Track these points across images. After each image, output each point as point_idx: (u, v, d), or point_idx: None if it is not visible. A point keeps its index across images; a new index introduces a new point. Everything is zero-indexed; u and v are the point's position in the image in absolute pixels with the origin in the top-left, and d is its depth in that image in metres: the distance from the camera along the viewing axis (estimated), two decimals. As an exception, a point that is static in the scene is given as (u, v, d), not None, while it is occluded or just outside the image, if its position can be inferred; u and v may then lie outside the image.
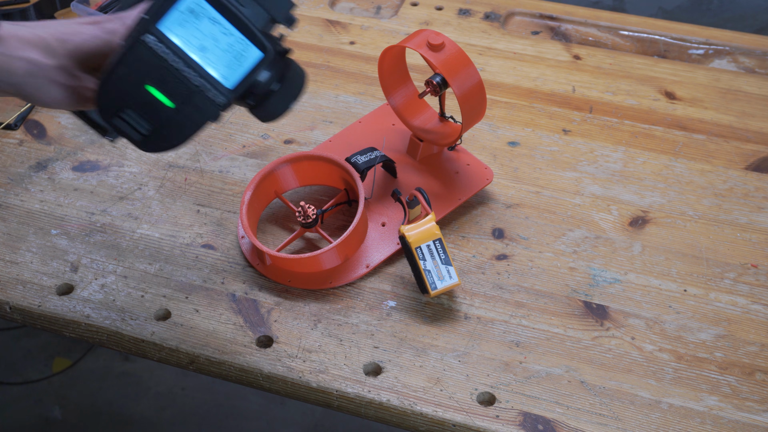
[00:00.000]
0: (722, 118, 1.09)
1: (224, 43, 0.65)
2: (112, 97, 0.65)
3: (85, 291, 0.88)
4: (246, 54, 0.65)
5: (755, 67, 1.16)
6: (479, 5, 1.26)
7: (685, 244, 0.93)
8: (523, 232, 0.94)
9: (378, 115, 1.04)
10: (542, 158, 1.03)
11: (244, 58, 0.65)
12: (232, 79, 0.66)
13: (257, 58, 0.65)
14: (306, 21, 1.23)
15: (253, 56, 0.65)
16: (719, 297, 0.88)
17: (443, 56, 0.88)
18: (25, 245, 0.93)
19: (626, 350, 0.84)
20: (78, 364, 1.76)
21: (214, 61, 0.65)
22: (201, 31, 0.64)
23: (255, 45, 0.65)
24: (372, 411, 0.80)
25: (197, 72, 0.65)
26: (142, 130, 0.66)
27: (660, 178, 1.01)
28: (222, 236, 0.94)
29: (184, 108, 0.65)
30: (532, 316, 0.86)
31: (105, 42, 0.67)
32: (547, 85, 1.13)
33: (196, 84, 0.65)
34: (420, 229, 0.85)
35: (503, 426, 0.78)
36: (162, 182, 0.99)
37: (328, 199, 0.96)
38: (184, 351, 0.84)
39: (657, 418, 0.78)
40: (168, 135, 0.66)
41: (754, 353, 0.84)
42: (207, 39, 0.65)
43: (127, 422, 1.66)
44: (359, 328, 0.85)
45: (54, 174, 1.01)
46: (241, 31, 0.65)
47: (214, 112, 0.66)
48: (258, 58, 0.65)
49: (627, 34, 1.21)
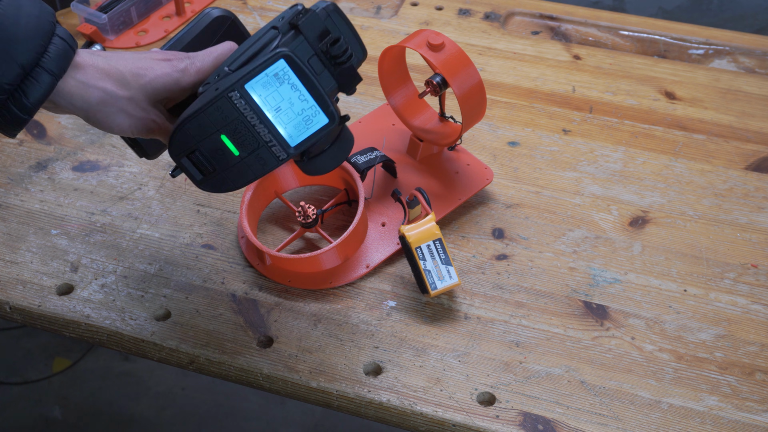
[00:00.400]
0: (722, 118, 1.09)
1: (298, 107, 0.71)
2: (187, 139, 0.70)
3: (85, 291, 0.88)
4: (315, 119, 0.71)
5: (755, 67, 1.16)
6: (479, 5, 1.26)
7: (685, 244, 0.93)
8: (523, 232, 0.94)
9: (378, 115, 1.04)
10: (542, 158, 1.03)
11: (312, 123, 0.71)
12: (297, 139, 0.71)
13: (324, 123, 0.71)
14: (306, 21, 1.23)
15: (320, 122, 0.71)
16: (719, 297, 0.88)
17: (443, 56, 0.88)
18: (25, 245, 0.93)
19: (626, 350, 0.84)
20: (78, 364, 1.76)
21: (285, 122, 0.71)
22: (280, 94, 0.70)
23: (324, 113, 0.71)
24: (372, 411, 0.80)
25: (268, 129, 0.70)
26: (205, 172, 0.71)
27: (660, 178, 1.01)
28: (222, 236, 0.94)
29: (249, 157, 0.71)
30: (532, 316, 0.86)
31: (175, 80, 0.73)
32: (547, 85, 1.13)
33: (266, 140, 0.70)
34: (420, 229, 0.85)
35: (503, 426, 0.78)
36: (162, 182, 0.99)
37: (328, 199, 0.96)
38: (184, 351, 0.84)
39: (657, 418, 0.78)
40: (227, 179, 0.72)
41: (754, 353, 0.84)
42: (284, 101, 0.70)
43: (127, 422, 1.66)
44: (359, 328, 0.85)
45: (54, 174, 1.01)
46: (315, 99, 0.71)
47: (273, 164, 0.71)
48: (324, 123, 0.71)
49: (627, 34, 1.21)
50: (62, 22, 1.21)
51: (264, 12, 1.24)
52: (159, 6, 1.24)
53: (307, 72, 0.70)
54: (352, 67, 0.74)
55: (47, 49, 0.66)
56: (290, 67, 0.69)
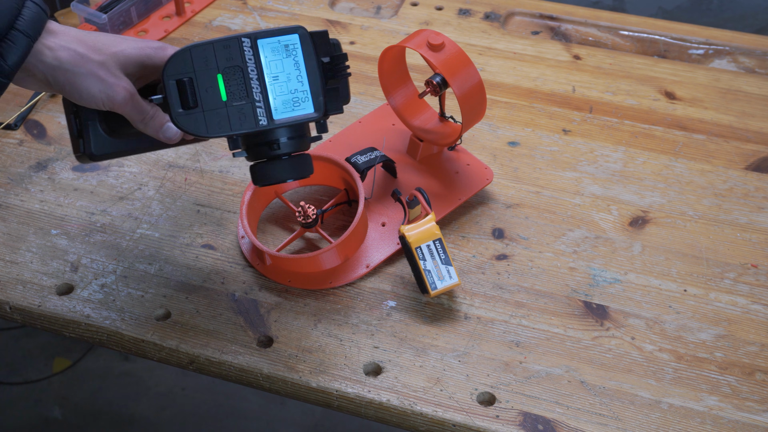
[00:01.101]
0: (722, 118, 1.09)
1: (293, 85, 0.73)
2: (187, 62, 0.72)
3: (85, 291, 0.88)
4: (303, 104, 0.73)
5: (755, 67, 1.16)
6: (479, 5, 1.26)
7: (685, 244, 0.93)
8: (523, 232, 0.94)
9: (378, 115, 1.04)
10: (542, 158, 1.03)
11: (300, 107, 0.73)
12: (282, 115, 0.73)
13: (309, 112, 0.73)
14: (306, 21, 1.23)
15: (307, 109, 0.73)
16: (719, 297, 0.88)
17: (443, 56, 0.88)
18: (25, 245, 0.93)
19: (626, 350, 0.84)
20: (78, 364, 1.76)
21: (277, 93, 0.73)
22: (283, 65, 0.73)
23: (313, 102, 0.74)
24: (372, 411, 0.80)
25: (261, 89, 0.72)
26: (186, 105, 0.72)
27: (660, 178, 1.01)
28: (222, 236, 0.94)
29: (233, 108, 0.72)
30: (532, 316, 0.86)
31: (148, 55, 0.75)
32: (547, 85, 1.13)
33: (255, 98, 0.72)
34: (420, 229, 0.85)
35: (503, 426, 0.78)
36: (162, 182, 0.99)
37: (328, 199, 0.96)
38: (184, 351, 0.84)
39: (657, 418, 0.78)
40: (204, 122, 0.72)
41: (754, 353, 0.84)
42: (283, 74, 0.73)
43: (127, 422, 1.66)
44: (359, 328, 0.85)
45: (54, 174, 1.01)
46: (310, 84, 0.73)
47: (250, 125, 0.73)
48: (309, 112, 0.73)
49: (627, 34, 1.21)
50: (62, 23, 1.21)
51: (264, 12, 1.24)
52: (159, 6, 1.24)
53: (314, 54, 0.73)
54: (346, 85, 0.77)
55: (21, 12, 0.68)
56: (301, 44, 0.73)
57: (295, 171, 0.76)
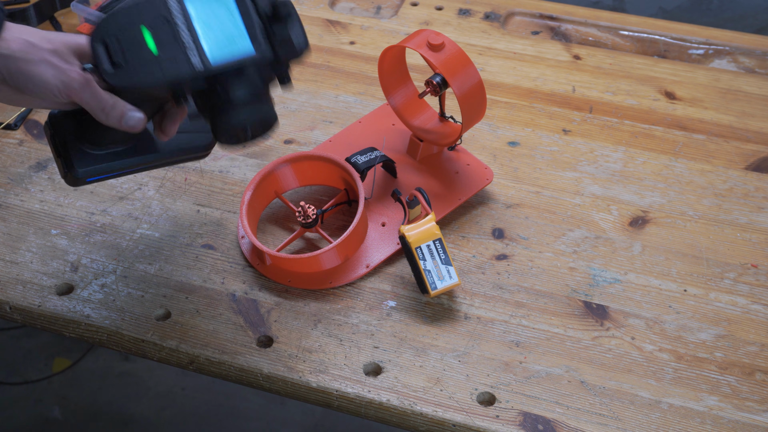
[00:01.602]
0: (722, 118, 1.09)
1: (227, 28, 0.70)
2: (111, 25, 0.70)
3: (85, 291, 0.88)
4: (239, 45, 0.70)
5: (755, 67, 1.16)
6: (479, 5, 1.26)
7: (685, 244, 0.93)
8: (523, 232, 0.94)
9: (378, 115, 1.04)
10: (542, 158, 1.03)
11: (235, 46, 0.70)
12: (218, 57, 0.70)
13: (247, 51, 0.70)
14: (306, 21, 1.23)
15: (244, 49, 0.70)
16: (719, 297, 0.88)
17: (443, 56, 0.88)
18: (25, 245, 0.93)
19: (626, 350, 0.84)
20: (78, 364, 1.76)
21: (210, 38, 0.70)
22: (213, 11, 0.70)
23: (251, 41, 0.70)
24: (372, 411, 0.80)
25: (191, 36, 0.70)
26: (117, 65, 0.70)
27: (660, 178, 1.01)
28: (222, 236, 0.94)
29: (164, 59, 0.69)
30: (532, 316, 0.86)
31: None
32: (547, 85, 1.13)
33: (185, 42, 0.69)
34: (420, 229, 0.85)
35: (503, 426, 0.78)
36: (162, 182, 0.99)
37: (328, 199, 0.96)
38: (184, 351, 0.84)
39: (657, 418, 0.78)
40: (138, 74, 0.70)
41: (754, 353, 0.84)
42: (214, 19, 0.70)
43: (127, 422, 1.66)
44: (359, 328, 0.85)
45: (54, 174, 1.00)
46: (245, 26, 0.70)
47: (187, 71, 0.69)
48: (248, 52, 0.70)
49: (627, 34, 1.21)
50: (62, 23, 1.21)
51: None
52: (159, 6, 1.23)
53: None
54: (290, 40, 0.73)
55: None
56: None
57: (253, 114, 0.72)
